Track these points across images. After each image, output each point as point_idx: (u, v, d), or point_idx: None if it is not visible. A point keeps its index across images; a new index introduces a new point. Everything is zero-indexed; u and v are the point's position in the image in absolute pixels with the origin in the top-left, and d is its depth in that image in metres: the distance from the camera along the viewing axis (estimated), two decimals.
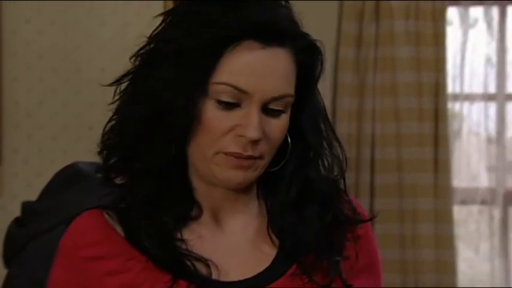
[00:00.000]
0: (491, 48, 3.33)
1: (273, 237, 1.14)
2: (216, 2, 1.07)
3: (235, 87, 1.05)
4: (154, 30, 1.11)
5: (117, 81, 1.12)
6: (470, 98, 3.34)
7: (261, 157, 1.09)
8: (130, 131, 1.09)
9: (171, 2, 2.94)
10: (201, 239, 1.11)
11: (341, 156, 1.14)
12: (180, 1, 1.12)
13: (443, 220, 3.16)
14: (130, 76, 1.12)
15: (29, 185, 2.89)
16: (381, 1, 3.20)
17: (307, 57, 1.10)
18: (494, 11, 3.33)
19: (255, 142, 1.07)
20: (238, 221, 1.14)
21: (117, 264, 1.09)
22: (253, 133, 1.06)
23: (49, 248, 1.73)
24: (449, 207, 3.18)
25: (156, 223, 1.09)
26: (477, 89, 3.33)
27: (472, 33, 3.34)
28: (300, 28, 1.10)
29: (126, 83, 1.12)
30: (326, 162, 1.14)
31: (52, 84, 2.90)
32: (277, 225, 1.13)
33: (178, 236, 1.10)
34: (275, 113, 1.08)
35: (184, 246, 1.09)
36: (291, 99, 1.09)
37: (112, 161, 1.11)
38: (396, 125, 3.18)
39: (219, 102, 1.06)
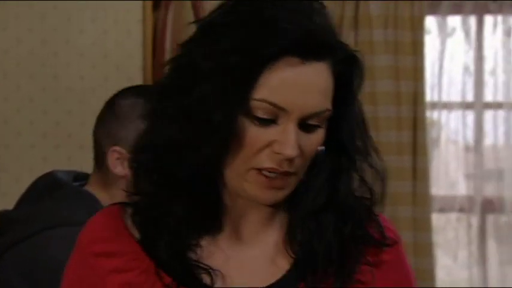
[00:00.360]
0: (469, 57, 3.35)
1: (290, 250, 1.11)
2: (251, 12, 1.05)
3: (274, 105, 1.03)
4: (189, 39, 1.08)
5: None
6: (448, 106, 3.36)
7: (295, 173, 1.06)
8: (165, 146, 1.06)
9: (149, 7, 2.94)
10: (217, 249, 1.10)
11: (380, 170, 1.10)
12: (216, 9, 1.08)
13: (422, 228, 3.17)
14: (163, 88, 1.09)
15: (7, 193, 2.87)
16: (360, 3, 3.21)
17: (345, 69, 1.07)
18: (472, 20, 3.36)
19: (291, 159, 1.04)
20: (259, 232, 1.12)
21: (122, 262, 1.09)
22: (290, 151, 1.03)
23: (26, 258, 1.72)
24: (428, 215, 3.19)
25: (174, 228, 1.08)
26: (455, 97, 3.35)
27: (449, 42, 3.36)
28: (337, 37, 1.08)
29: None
30: (361, 176, 1.10)
31: (30, 92, 2.88)
32: (297, 237, 1.11)
33: (194, 243, 1.09)
34: (311, 128, 1.06)
35: (194, 255, 1.08)
36: (328, 114, 1.06)
37: (143, 170, 1.10)
38: (375, 134, 3.19)
39: (256, 118, 1.04)
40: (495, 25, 3.35)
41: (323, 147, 1.09)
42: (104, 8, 2.92)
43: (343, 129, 1.09)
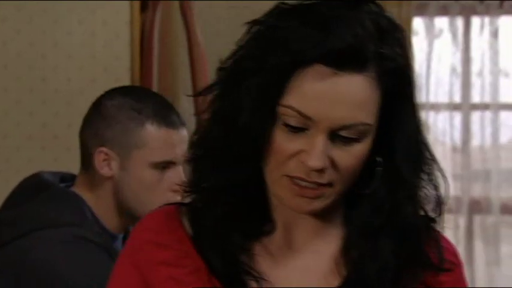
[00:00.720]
0: (456, 59, 3.36)
1: (343, 267, 1.07)
2: (302, 18, 1.01)
3: (300, 113, 1.00)
4: (241, 39, 1.06)
5: (205, 92, 1.08)
6: (435, 107, 3.37)
7: (329, 184, 1.02)
8: (209, 146, 1.06)
9: (137, 8, 2.94)
10: (267, 254, 1.07)
11: (440, 187, 1.06)
12: (270, 11, 1.05)
13: None
14: (213, 85, 1.07)
15: None
16: None
17: (393, 81, 1.02)
18: (459, 21, 3.37)
19: (318, 170, 1.01)
20: (312, 242, 1.08)
21: (172, 257, 1.08)
22: (314, 162, 1.00)
23: (13, 259, 1.71)
24: None
25: (227, 232, 1.06)
26: (442, 98, 3.36)
27: (437, 43, 3.37)
28: (390, 48, 1.02)
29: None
30: (422, 192, 1.06)
31: (17, 94, 2.88)
32: (351, 255, 1.06)
33: (245, 246, 1.06)
34: (346, 141, 1.01)
35: (245, 259, 1.06)
36: (365, 128, 1.01)
37: (198, 171, 1.08)
38: None
39: (286, 125, 1.01)
40: (482, 26, 3.36)
41: (380, 159, 1.05)
42: (92, 9, 2.92)
43: (399, 143, 1.04)
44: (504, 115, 3.39)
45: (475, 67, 3.37)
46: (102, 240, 1.75)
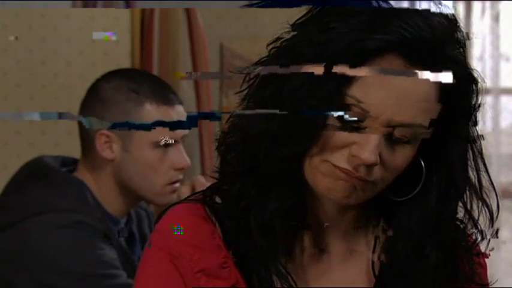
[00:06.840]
0: None
1: (372, 274, 1.05)
2: (370, 10, 0.97)
3: (361, 103, 0.96)
4: (300, 19, 1.01)
5: (247, 71, 1.01)
6: None
7: (373, 182, 0.99)
8: (253, 134, 0.99)
9: None
10: (298, 256, 1.04)
11: (489, 203, 1.05)
12: None
13: None
14: (262, 67, 1.01)
15: None
16: None
17: (458, 87, 0.98)
18: (460, 5, 3.36)
19: (369, 166, 0.97)
20: (340, 243, 1.06)
21: (211, 266, 1.02)
22: (368, 156, 0.96)
23: (11, 244, 1.71)
24: None
25: (264, 232, 1.00)
26: None
27: None
28: (457, 51, 0.99)
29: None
30: (467, 209, 1.04)
31: (16, 78, 2.87)
32: (387, 262, 1.04)
33: (283, 249, 1.01)
34: (398, 141, 0.98)
35: (284, 263, 1.01)
36: (421, 131, 0.98)
37: (229, 157, 1.03)
38: None
39: (341, 116, 0.96)
40: (483, 10, 3.35)
41: (421, 162, 1.02)
42: None
43: (452, 151, 1.01)
44: (505, 99, 3.39)
45: (475, 51, 3.36)
46: (103, 225, 1.75)
